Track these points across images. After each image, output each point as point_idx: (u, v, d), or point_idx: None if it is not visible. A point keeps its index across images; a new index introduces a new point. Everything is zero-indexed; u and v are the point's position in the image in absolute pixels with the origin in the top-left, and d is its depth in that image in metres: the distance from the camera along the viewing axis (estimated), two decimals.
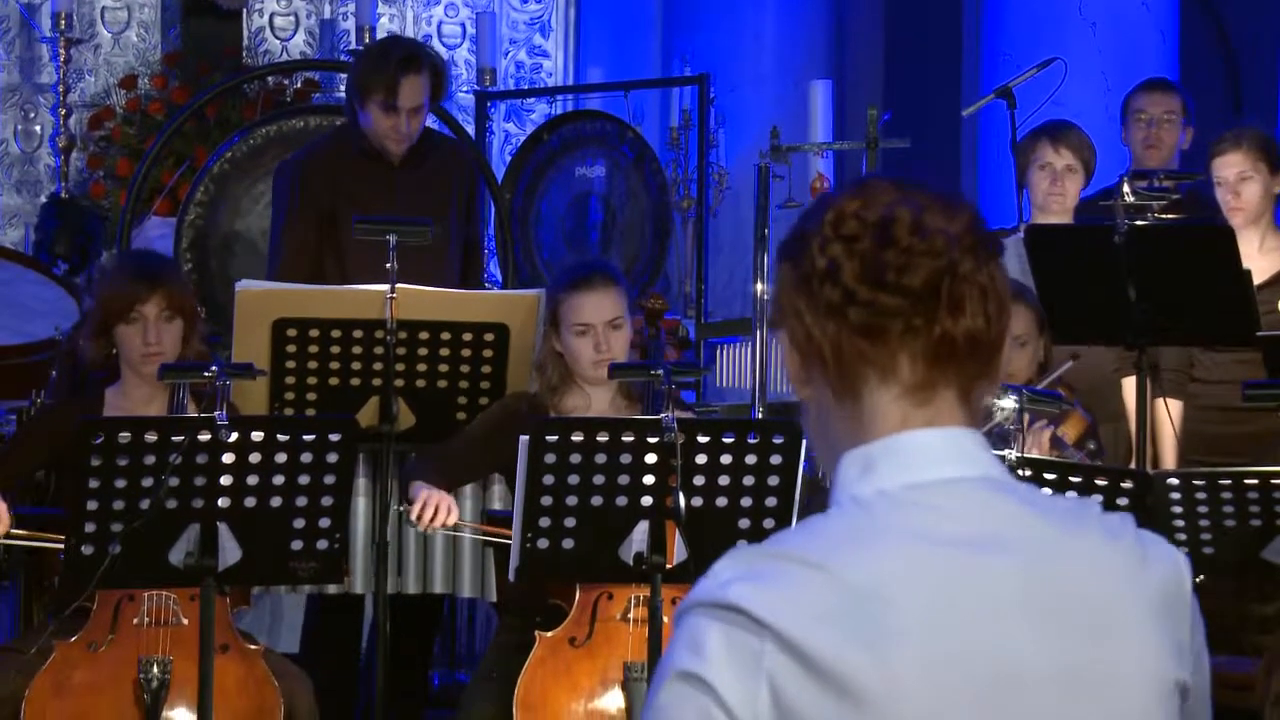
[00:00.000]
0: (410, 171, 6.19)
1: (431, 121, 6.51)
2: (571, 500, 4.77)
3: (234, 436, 4.61)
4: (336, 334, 5.52)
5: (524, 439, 4.77)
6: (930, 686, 1.69)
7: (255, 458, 4.63)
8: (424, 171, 6.22)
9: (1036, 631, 1.73)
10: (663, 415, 4.79)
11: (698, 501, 4.80)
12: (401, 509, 5.26)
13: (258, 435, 4.64)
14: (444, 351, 5.59)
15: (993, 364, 1.82)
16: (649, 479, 4.78)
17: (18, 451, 5.33)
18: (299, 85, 8.91)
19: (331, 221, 6.13)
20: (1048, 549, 1.76)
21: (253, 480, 4.64)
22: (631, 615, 5.01)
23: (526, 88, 9.58)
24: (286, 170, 6.35)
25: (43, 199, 8.87)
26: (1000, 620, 1.72)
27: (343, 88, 7.24)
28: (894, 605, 1.70)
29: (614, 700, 4.97)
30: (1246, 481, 5.01)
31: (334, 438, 4.68)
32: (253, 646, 5.03)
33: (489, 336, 5.61)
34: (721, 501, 4.81)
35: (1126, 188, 5.94)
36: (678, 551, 4.80)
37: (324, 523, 4.71)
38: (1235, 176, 6.24)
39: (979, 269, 1.79)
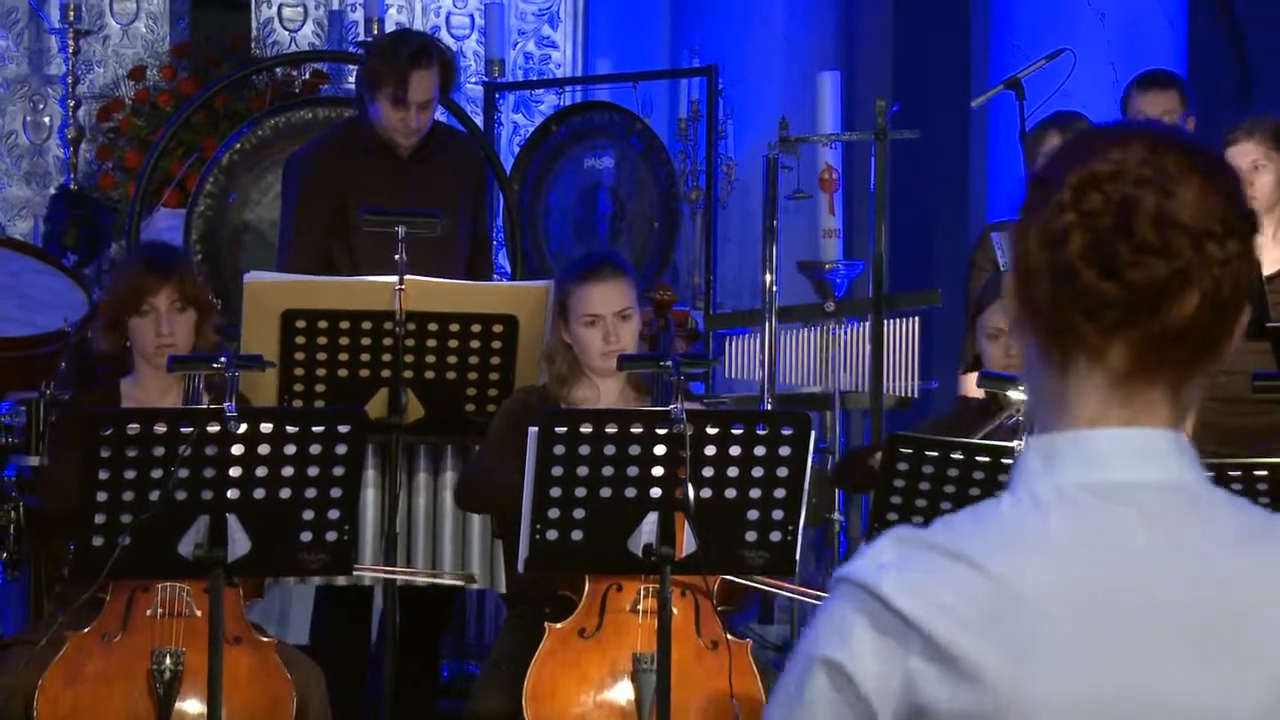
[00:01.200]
0: (419, 164, 6.19)
1: (440, 114, 6.51)
2: (580, 492, 4.77)
3: (243, 428, 4.60)
4: (345, 325, 5.52)
5: (532, 430, 4.76)
6: (1067, 710, 1.65)
7: (264, 449, 4.62)
8: (433, 164, 6.22)
9: (1190, 667, 1.67)
10: (671, 407, 4.79)
11: (706, 493, 4.79)
12: None
13: (266, 427, 4.63)
14: (453, 343, 5.59)
15: (1218, 351, 1.73)
16: (658, 470, 4.77)
17: (61, 462, 5.24)
18: (307, 77, 8.91)
19: (340, 213, 6.13)
20: (1218, 573, 1.68)
21: (261, 472, 4.63)
22: (641, 606, 5.01)
23: (535, 79, 9.58)
24: (295, 162, 6.34)
25: (52, 190, 8.88)
26: (1154, 651, 1.66)
27: (351, 79, 7.25)
28: (1047, 619, 1.64)
29: (623, 692, 4.96)
30: (1256, 473, 5.00)
31: (343, 429, 4.67)
32: (265, 638, 5.03)
33: (498, 328, 5.61)
34: (730, 493, 4.80)
35: None
36: (687, 543, 4.79)
37: (333, 514, 4.70)
38: (1248, 165, 6.22)
39: (1225, 261, 1.69)
